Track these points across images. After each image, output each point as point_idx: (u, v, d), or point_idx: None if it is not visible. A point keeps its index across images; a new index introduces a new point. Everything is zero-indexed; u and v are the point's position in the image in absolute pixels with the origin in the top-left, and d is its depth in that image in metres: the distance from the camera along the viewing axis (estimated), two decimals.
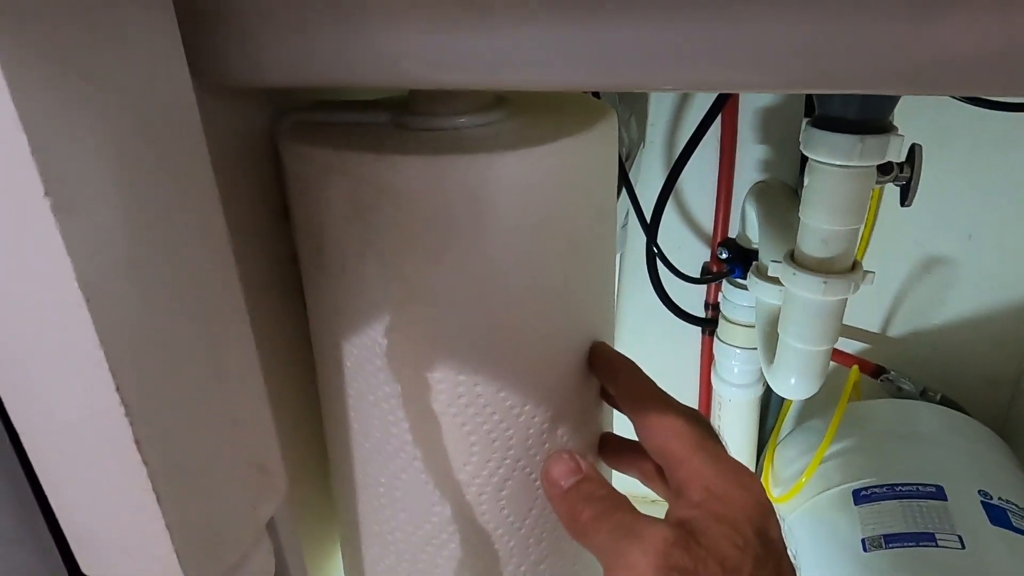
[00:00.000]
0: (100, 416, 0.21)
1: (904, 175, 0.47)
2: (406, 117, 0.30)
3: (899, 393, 0.80)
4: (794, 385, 0.53)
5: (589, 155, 0.30)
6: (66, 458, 0.23)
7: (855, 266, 0.48)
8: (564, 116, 0.31)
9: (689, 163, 0.67)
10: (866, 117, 0.42)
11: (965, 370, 0.83)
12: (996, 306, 0.80)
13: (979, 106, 0.60)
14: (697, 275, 0.79)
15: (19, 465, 0.25)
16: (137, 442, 0.21)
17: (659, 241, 0.69)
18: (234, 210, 0.25)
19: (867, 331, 0.84)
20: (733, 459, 0.29)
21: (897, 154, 0.43)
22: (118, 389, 0.21)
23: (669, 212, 0.82)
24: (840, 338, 0.74)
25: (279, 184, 0.33)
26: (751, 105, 0.76)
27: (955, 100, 0.61)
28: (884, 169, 0.46)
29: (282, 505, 0.30)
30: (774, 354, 0.56)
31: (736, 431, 0.79)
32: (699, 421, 0.29)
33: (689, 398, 0.89)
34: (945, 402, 0.79)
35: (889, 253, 0.77)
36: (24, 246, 0.19)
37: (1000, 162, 0.71)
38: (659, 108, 0.79)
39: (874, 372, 0.81)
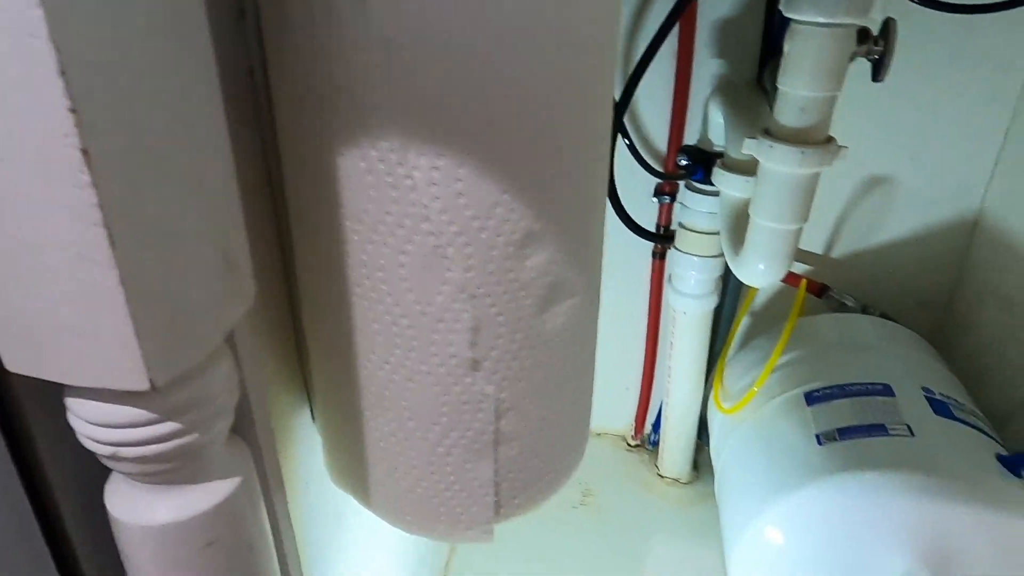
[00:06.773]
0: (42, 116, 0.17)
1: (878, 47, 0.47)
2: None
3: (842, 309, 0.82)
4: (763, 271, 0.53)
5: None
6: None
7: (829, 140, 0.47)
8: None
9: (642, 87, 0.65)
10: None
11: (901, 292, 0.86)
12: (931, 229, 0.83)
13: (933, 7, 0.61)
14: (650, 196, 0.78)
15: None
16: (84, 152, 0.17)
17: (614, 163, 0.67)
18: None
19: (811, 252, 0.86)
20: None
21: (879, 14, 0.42)
22: (63, 72, 0.16)
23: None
24: None
25: None
26: (708, 18, 0.75)
27: (911, 4, 0.61)
28: (860, 38, 0.45)
29: (245, 322, 0.27)
30: (740, 245, 0.55)
31: (689, 346, 0.79)
32: None
33: (639, 319, 0.88)
34: (884, 317, 0.81)
35: (833, 172, 0.78)
36: None
37: (947, 79, 0.73)
38: None
39: (819, 291, 0.83)
